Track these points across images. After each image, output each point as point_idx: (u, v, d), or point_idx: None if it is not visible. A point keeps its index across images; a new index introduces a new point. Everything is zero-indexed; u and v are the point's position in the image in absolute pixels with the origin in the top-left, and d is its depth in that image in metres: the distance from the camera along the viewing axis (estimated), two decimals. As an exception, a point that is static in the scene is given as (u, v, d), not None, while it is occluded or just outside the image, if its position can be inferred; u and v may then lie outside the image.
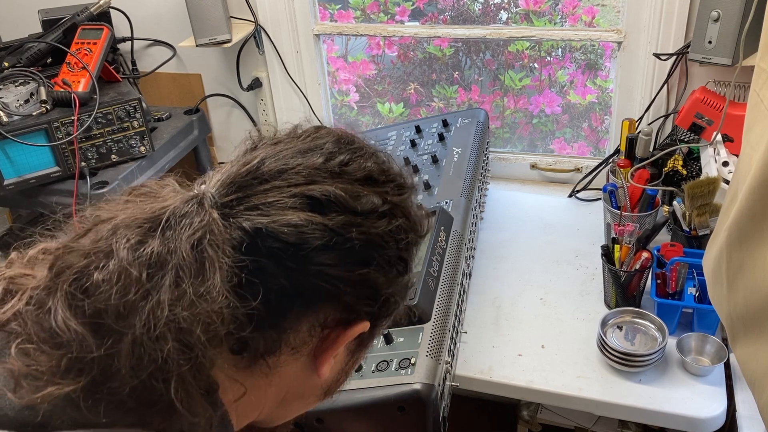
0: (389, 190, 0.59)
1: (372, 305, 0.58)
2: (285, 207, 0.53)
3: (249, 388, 0.56)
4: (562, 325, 1.25)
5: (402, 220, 0.59)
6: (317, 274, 0.53)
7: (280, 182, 0.54)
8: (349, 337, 0.57)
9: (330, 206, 0.54)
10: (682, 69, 1.45)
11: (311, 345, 0.57)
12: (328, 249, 0.53)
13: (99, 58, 1.55)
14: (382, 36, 1.74)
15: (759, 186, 0.68)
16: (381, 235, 0.56)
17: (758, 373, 0.74)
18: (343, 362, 0.63)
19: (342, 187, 0.55)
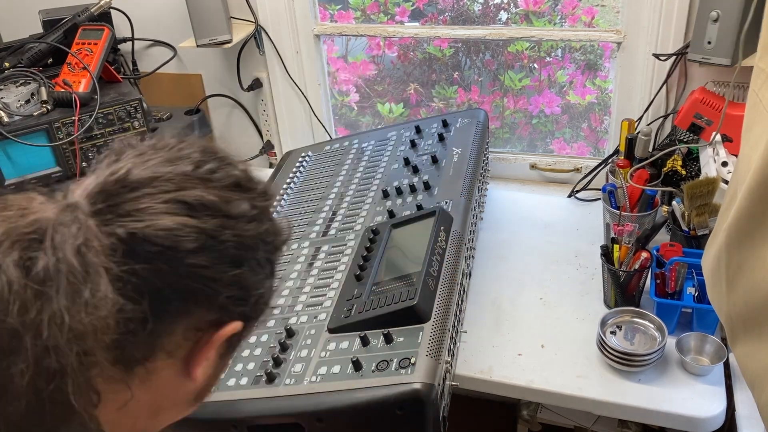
0: (256, 196, 0.61)
1: (244, 305, 0.60)
2: (158, 212, 0.53)
3: (120, 400, 0.56)
4: (562, 324, 1.25)
5: (269, 225, 0.62)
6: (192, 276, 0.54)
7: (150, 189, 0.55)
8: (223, 336, 0.59)
9: (203, 210, 0.55)
10: (682, 69, 1.46)
11: (185, 349, 0.58)
12: (202, 251, 0.54)
13: (100, 59, 1.55)
14: (382, 36, 1.74)
15: (758, 186, 0.68)
16: (252, 237, 0.59)
17: (758, 372, 0.74)
18: (214, 366, 0.63)
19: (213, 193, 0.57)
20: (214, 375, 0.65)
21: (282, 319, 1.12)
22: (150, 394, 0.59)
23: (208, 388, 0.66)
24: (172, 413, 0.65)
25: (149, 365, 0.56)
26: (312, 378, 0.96)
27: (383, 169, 1.45)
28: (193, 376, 0.59)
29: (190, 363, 0.59)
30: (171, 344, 0.56)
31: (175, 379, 0.59)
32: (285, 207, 1.48)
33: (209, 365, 0.61)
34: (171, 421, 0.66)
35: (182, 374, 0.59)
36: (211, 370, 0.63)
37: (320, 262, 1.23)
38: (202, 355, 0.59)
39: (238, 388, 1.00)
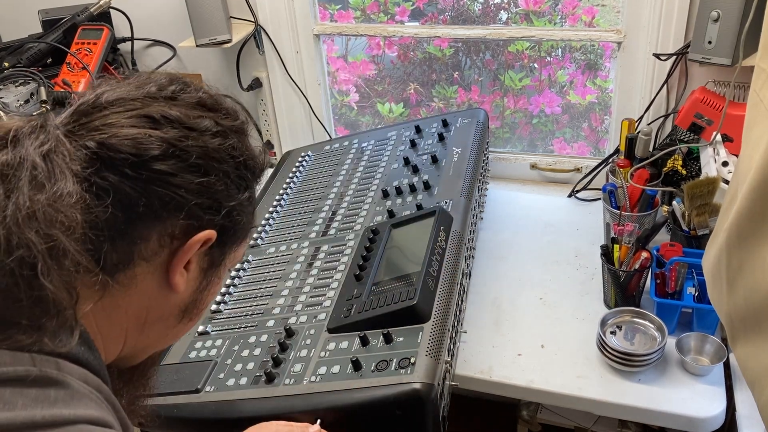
0: (220, 116, 0.65)
1: (215, 215, 0.63)
2: (124, 125, 0.58)
3: (108, 308, 0.60)
4: (562, 324, 1.25)
5: (234, 141, 0.65)
6: (159, 183, 0.58)
7: (118, 108, 0.60)
8: (196, 243, 0.62)
9: (166, 123, 0.60)
10: (682, 69, 1.46)
11: (162, 256, 0.62)
12: (166, 158, 0.59)
13: (99, 59, 1.55)
14: (382, 36, 1.74)
15: (759, 186, 0.68)
16: (216, 150, 0.63)
17: (758, 372, 0.74)
18: (198, 280, 0.67)
19: (176, 109, 0.62)
20: (200, 291, 0.68)
21: (282, 319, 1.12)
22: (135, 304, 0.63)
23: (195, 305, 0.69)
24: (160, 327, 0.68)
25: (129, 272, 0.60)
26: (311, 378, 0.95)
27: (383, 169, 1.45)
28: (172, 283, 0.63)
29: (169, 271, 0.63)
30: (147, 250, 0.60)
31: (157, 290, 0.63)
32: (285, 207, 1.48)
33: (191, 277, 0.65)
34: (162, 338, 0.70)
35: (164, 285, 0.63)
36: (195, 284, 0.67)
37: (320, 262, 1.23)
38: (178, 261, 0.62)
39: (237, 388, 1.00)
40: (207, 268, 0.67)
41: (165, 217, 0.60)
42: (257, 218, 1.45)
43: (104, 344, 0.62)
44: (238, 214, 0.66)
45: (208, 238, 0.63)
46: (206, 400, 1.00)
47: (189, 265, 0.64)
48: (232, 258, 0.70)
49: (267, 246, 1.35)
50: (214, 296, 0.72)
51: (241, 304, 1.20)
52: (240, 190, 0.66)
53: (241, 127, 0.67)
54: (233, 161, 0.64)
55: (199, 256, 0.65)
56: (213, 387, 1.01)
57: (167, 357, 1.12)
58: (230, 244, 0.68)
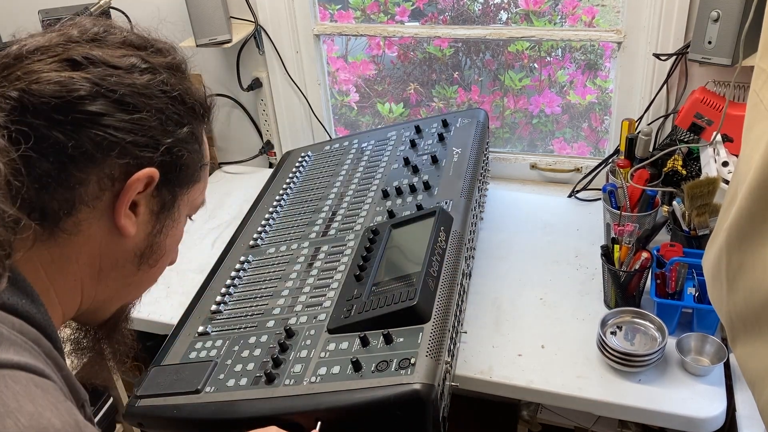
0: (149, 53, 0.64)
1: (153, 152, 0.62)
2: (47, 71, 0.58)
3: (57, 258, 0.60)
4: (562, 325, 1.25)
5: (165, 76, 0.63)
6: (88, 124, 0.58)
7: (40, 56, 0.59)
8: (137, 182, 0.61)
9: (89, 64, 0.59)
10: (682, 69, 1.46)
11: (106, 199, 0.61)
12: (93, 98, 0.58)
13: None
14: (382, 36, 1.74)
15: (758, 186, 0.68)
16: (145, 86, 0.61)
17: (758, 372, 0.74)
18: (150, 224, 0.66)
19: (99, 50, 0.61)
20: (154, 234, 0.67)
21: (282, 319, 1.12)
22: (86, 252, 0.62)
23: (152, 250, 0.68)
24: (118, 276, 0.67)
25: (73, 218, 0.59)
26: (311, 378, 0.95)
27: (383, 169, 1.45)
28: (119, 226, 0.62)
29: (114, 214, 0.62)
30: (88, 195, 0.60)
31: (107, 236, 0.63)
32: (285, 207, 1.48)
33: (142, 221, 0.65)
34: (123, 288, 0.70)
35: (113, 230, 0.63)
36: (148, 227, 0.66)
37: (320, 263, 1.23)
38: (121, 203, 0.61)
39: (237, 388, 1.00)
40: (158, 210, 0.66)
41: (100, 159, 0.59)
42: (258, 220, 1.45)
43: (59, 297, 0.62)
44: (179, 150, 0.64)
45: (150, 176, 0.62)
46: (206, 401, 1.00)
47: (137, 207, 0.64)
48: (186, 201, 0.69)
49: (267, 246, 1.35)
50: (174, 241, 0.71)
51: (241, 305, 1.20)
52: (178, 126, 0.64)
53: (173, 63, 0.66)
54: (166, 97, 0.63)
55: (146, 198, 0.64)
56: (213, 387, 1.01)
57: (167, 357, 1.12)
58: (180, 185, 0.67)
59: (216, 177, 1.93)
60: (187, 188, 0.68)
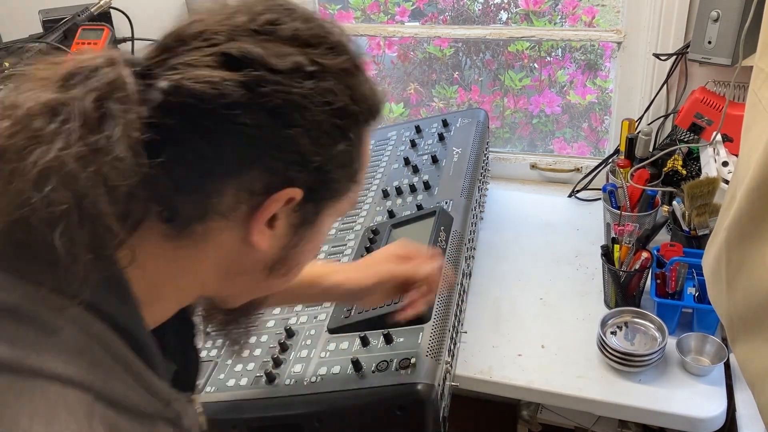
0: (319, 52, 0.56)
1: (301, 171, 0.55)
2: (200, 65, 0.52)
3: (181, 258, 0.56)
4: (562, 325, 1.25)
5: (331, 83, 0.56)
6: (235, 134, 0.52)
7: (200, 42, 0.54)
8: (276, 202, 0.56)
9: (246, 63, 0.52)
10: (682, 69, 1.45)
11: (241, 212, 0.55)
12: (243, 107, 0.52)
13: (99, 59, 1.55)
14: (382, 36, 1.74)
15: (758, 186, 0.68)
16: (304, 96, 0.54)
17: (758, 372, 0.74)
18: (286, 237, 0.60)
19: (262, 45, 0.53)
20: (288, 248, 0.61)
21: (282, 319, 1.12)
22: (212, 258, 0.58)
23: (284, 262, 0.62)
24: (245, 280, 0.63)
25: (205, 226, 0.55)
26: (312, 378, 0.95)
27: (383, 169, 1.45)
28: (252, 241, 0.57)
29: (249, 228, 0.56)
30: (222, 205, 0.54)
31: (238, 245, 0.58)
32: (285, 207, 1.48)
33: (279, 234, 0.59)
34: (251, 290, 0.66)
35: (245, 241, 0.57)
36: (284, 241, 0.60)
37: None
38: (257, 220, 0.56)
39: (237, 388, 1.00)
40: (298, 225, 0.60)
41: (241, 172, 0.53)
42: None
43: (175, 293, 0.59)
44: (330, 169, 0.57)
45: (291, 197, 0.56)
46: (206, 401, 1.00)
47: (275, 221, 0.57)
48: (332, 212, 0.63)
49: (267, 246, 1.35)
50: (312, 251, 0.65)
51: (241, 305, 1.20)
52: (334, 142, 0.57)
53: (344, 66, 0.57)
54: (327, 108, 0.55)
55: (287, 213, 0.58)
56: (213, 387, 1.01)
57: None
58: (326, 200, 0.60)
59: (216, 177, 1.93)
60: (333, 202, 0.62)
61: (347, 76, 0.57)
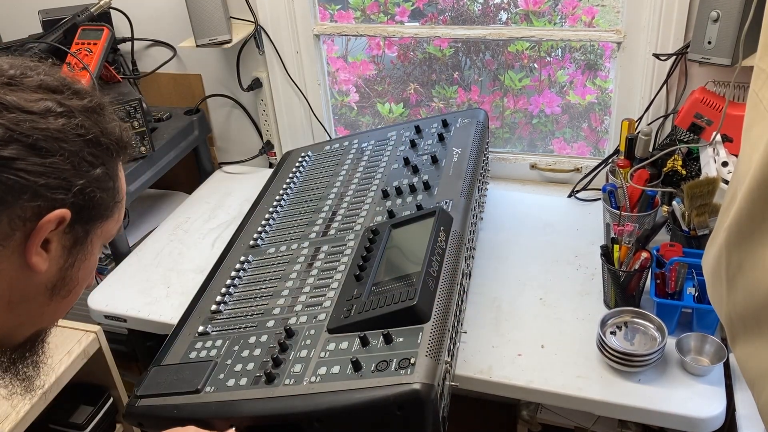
0: (66, 96, 0.65)
1: (66, 194, 0.63)
2: None
3: None
4: (562, 325, 1.25)
5: (81, 119, 0.64)
6: (1, 168, 0.58)
7: None
8: (48, 223, 0.62)
9: (2, 108, 0.60)
10: (682, 69, 1.46)
11: (16, 239, 0.61)
12: (6, 143, 0.58)
13: (99, 59, 1.55)
14: (382, 36, 1.74)
15: (758, 186, 0.68)
16: (60, 130, 0.62)
17: (757, 372, 0.74)
18: (62, 259, 0.67)
19: (14, 95, 0.61)
20: (66, 269, 0.68)
21: (282, 319, 1.12)
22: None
23: (65, 282, 0.68)
24: (30, 306, 0.68)
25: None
26: (311, 378, 0.95)
27: (383, 169, 1.45)
28: (30, 263, 0.63)
29: (26, 252, 0.62)
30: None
31: (18, 271, 0.64)
32: (285, 207, 1.48)
33: (54, 256, 0.65)
34: (37, 317, 0.71)
35: (24, 266, 0.63)
36: (60, 262, 0.67)
37: (320, 262, 1.23)
38: (32, 242, 0.62)
39: (237, 388, 1.00)
40: (71, 246, 0.67)
41: (11, 201, 0.59)
42: (258, 220, 1.45)
43: None
44: (92, 191, 0.65)
45: (61, 217, 0.63)
46: (206, 401, 1.00)
47: (49, 244, 0.64)
48: (99, 234, 0.70)
49: (267, 246, 1.35)
50: (87, 272, 0.72)
51: (241, 305, 1.20)
52: (92, 167, 0.65)
53: (89, 106, 0.66)
54: (80, 140, 0.64)
55: (59, 235, 0.65)
56: (213, 387, 1.02)
57: (167, 357, 1.12)
58: (93, 220, 0.68)
59: (216, 177, 1.93)
60: (100, 223, 0.69)
61: (94, 114, 0.66)
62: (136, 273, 1.52)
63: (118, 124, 0.70)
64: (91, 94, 0.68)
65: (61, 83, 0.66)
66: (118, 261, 1.59)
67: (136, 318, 1.40)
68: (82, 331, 1.31)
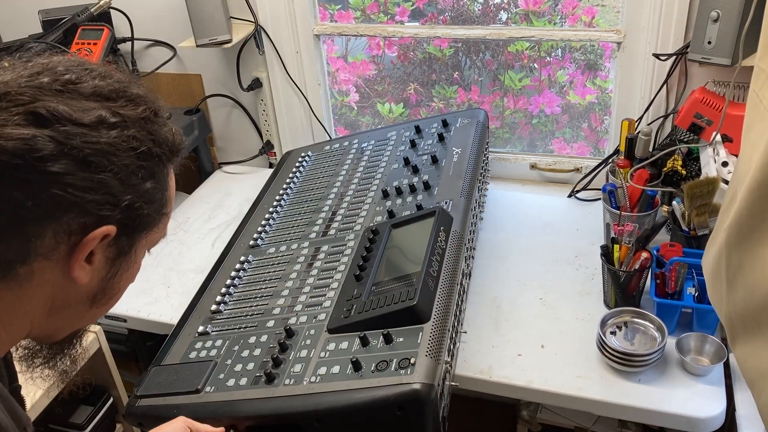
0: (119, 105, 0.63)
1: (113, 210, 0.62)
2: (10, 125, 0.57)
3: (8, 299, 0.61)
4: (562, 325, 1.25)
5: (135, 131, 0.63)
6: (49, 183, 0.58)
7: (5, 104, 0.58)
8: (93, 240, 0.62)
9: (54, 120, 0.58)
10: (682, 69, 1.46)
11: (61, 251, 0.61)
12: (54, 158, 0.57)
13: (99, 59, 1.55)
14: (382, 36, 1.74)
15: (758, 186, 0.68)
16: (111, 144, 0.61)
17: (757, 372, 0.74)
18: (104, 270, 0.66)
19: (67, 103, 0.60)
20: (108, 279, 0.68)
21: (282, 319, 1.12)
22: (38, 295, 0.63)
23: (105, 292, 0.69)
24: (70, 314, 0.68)
25: (28, 267, 0.60)
26: (311, 378, 0.95)
27: (383, 169, 1.45)
28: (73, 276, 0.63)
29: (70, 265, 0.62)
30: (43, 247, 0.60)
31: (61, 281, 0.63)
32: (285, 207, 1.48)
33: (97, 268, 0.65)
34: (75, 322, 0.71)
35: (67, 277, 0.63)
36: (102, 273, 0.67)
37: (320, 262, 1.23)
38: (76, 257, 0.62)
39: (237, 388, 1.00)
40: (114, 258, 0.67)
41: (58, 216, 0.59)
42: (258, 220, 1.45)
43: (5, 329, 0.64)
44: (140, 205, 0.65)
45: (107, 234, 0.62)
46: (206, 401, 1.00)
47: (93, 257, 0.64)
48: (144, 243, 0.70)
49: (267, 246, 1.35)
50: (129, 280, 0.72)
51: (241, 305, 1.20)
52: (142, 180, 0.64)
53: (144, 114, 0.65)
54: (133, 153, 0.63)
55: (103, 248, 0.64)
56: (213, 387, 1.02)
57: (167, 357, 1.12)
58: (138, 233, 0.67)
59: (216, 177, 1.93)
60: (145, 234, 0.69)
61: (148, 123, 0.65)
62: (136, 273, 1.52)
63: (171, 129, 0.69)
64: (146, 101, 0.66)
65: (114, 90, 0.64)
66: (118, 261, 1.59)
67: (136, 318, 1.40)
68: (82, 331, 1.30)
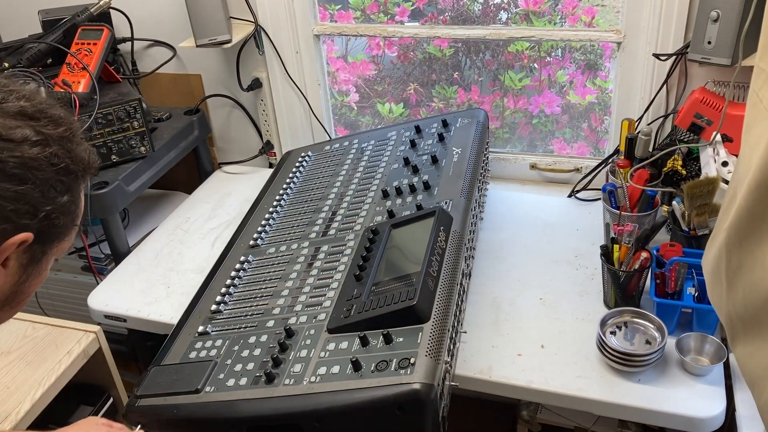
0: (42, 124, 0.68)
1: (32, 219, 0.67)
2: None
3: None
4: (562, 325, 1.25)
5: (56, 148, 0.68)
6: None
7: None
8: (11, 246, 0.66)
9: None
10: (682, 69, 1.46)
11: None
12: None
13: (99, 59, 1.55)
14: (382, 36, 1.74)
15: (758, 186, 0.68)
16: (34, 159, 0.66)
17: (757, 372, 0.74)
18: (18, 275, 0.71)
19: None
20: (20, 284, 0.72)
21: (281, 319, 1.12)
22: None
23: (16, 296, 0.73)
24: None
25: None
26: (311, 378, 0.95)
27: (383, 169, 1.45)
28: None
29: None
30: None
31: None
32: (285, 207, 1.48)
33: (10, 272, 0.70)
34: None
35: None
36: (15, 278, 0.71)
37: (320, 262, 1.23)
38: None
39: (237, 388, 1.00)
40: (27, 264, 0.71)
41: None
42: (258, 220, 1.45)
43: None
44: (56, 216, 0.69)
45: (24, 240, 0.66)
46: (206, 401, 1.00)
47: (7, 261, 0.68)
48: (54, 252, 0.74)
49: (267, 246, 1.35)
50: (37, 286, 0.76)
51: (241, 305, 1.20)
52: (60, 194, 0.69)
53: (64, 134, 0.69)
54: (53, 168, 0.67)
55: (18, 254, 0.69)
56: (213, 387, 1.02)
57: (167, 357, 1.12)
58: (52, 242, 0.72)
59: (216, 177, 1.93)
60: (58, 243, 0.73)
61: (67, 142, 0.70)
62: (136, 273, 1.52)
63: (86, 148, 0.74)
64: (67, 122, 0.71)
65: (38, 110, 0.68)
66: (118, 261, 1.59)
67: (136, 318, 1.40)
68: (82, 331, 1.31)
